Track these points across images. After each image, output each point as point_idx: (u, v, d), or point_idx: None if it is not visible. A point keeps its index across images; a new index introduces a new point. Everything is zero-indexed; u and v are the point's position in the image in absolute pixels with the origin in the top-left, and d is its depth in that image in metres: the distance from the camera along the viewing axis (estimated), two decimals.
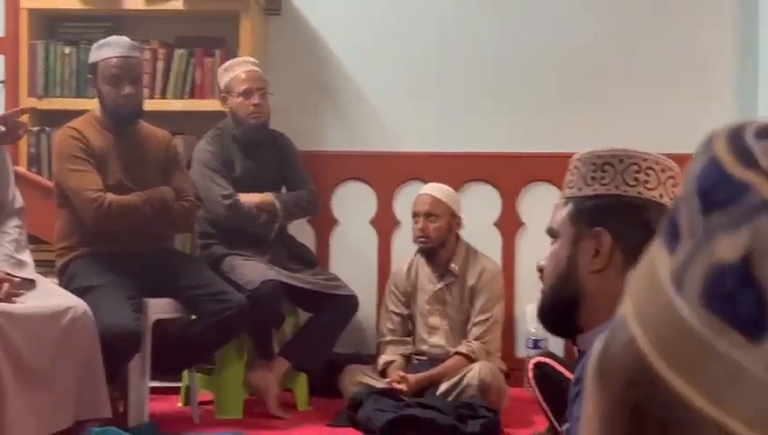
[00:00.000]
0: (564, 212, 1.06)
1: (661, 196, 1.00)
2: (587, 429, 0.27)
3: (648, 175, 0.99)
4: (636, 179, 1.00)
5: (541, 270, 1.22)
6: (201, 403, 2.83)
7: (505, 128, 3.03)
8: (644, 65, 3.00)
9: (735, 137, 0.23)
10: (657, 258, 0.24)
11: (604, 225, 0.97)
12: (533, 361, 2.32)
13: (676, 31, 3.04)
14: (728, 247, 0.21)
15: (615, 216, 0.98)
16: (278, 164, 2.96)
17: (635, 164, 1.01)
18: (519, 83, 3.03)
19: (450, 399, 2.59)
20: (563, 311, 1.05)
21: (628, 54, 3.01)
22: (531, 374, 2.24)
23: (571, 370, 1.76)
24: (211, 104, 3.02)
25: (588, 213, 0.98)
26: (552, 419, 2.13)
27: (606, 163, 1.02)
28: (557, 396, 2.15)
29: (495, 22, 3.11)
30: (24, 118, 2.65)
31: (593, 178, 1.02)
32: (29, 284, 2.46)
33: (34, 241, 2.74)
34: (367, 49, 3.22)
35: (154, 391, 2.79)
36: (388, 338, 2.74)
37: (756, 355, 0.20)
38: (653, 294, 0.24)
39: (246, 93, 2.79)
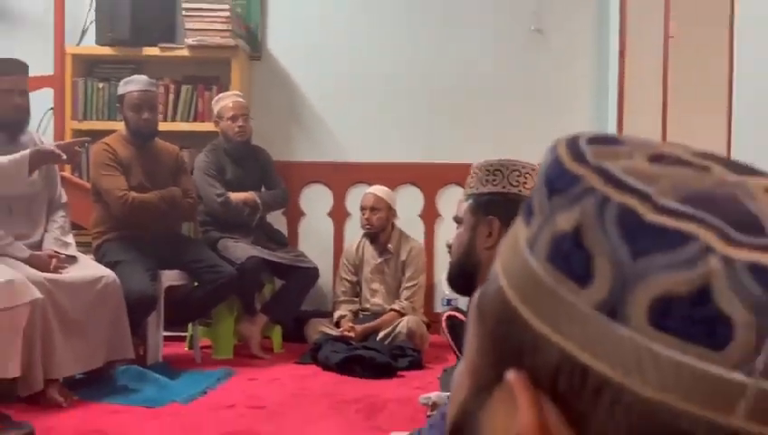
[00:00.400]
0: (466, 205, 1.23)
1: None
2: (467, 351, 0.31)
3: (526, 178, 1.16)
4: (518, 181, 1.18)
5: (449, 247, 1.34)
6: (202, 347, 3.21)
7: (427, 142, 3.53)
8: (528, 91, 3.52)
9: (573, 142, 0.27)
10: (519, 230, 0.28)
11: (495, 214, 1.14)
12: (446, 314, 2.61)
13: (552, 63, 3.57)
14: (565, 221, 0.25)
15: (503, 207, 1.14)
16: (259, 171, 3.32)
17: (516, 170, 1.18)
18: (437, 109, 3.54)
19: (386, 343, 3.00)
20: (466, 277, 1.22)
21: (516, 81, 3.55)
22: (444, 325, 2.52)
23: None
24: (208, 126, 3.33)
25: (483, 206, 1.14)
26: (460, 357, 2.64)
27: (496, 169, 1.19)
28: (463, 340, 2.76)
29: (420, 59, 3.59)
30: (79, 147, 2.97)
31: (487, 181, 1.20)
32: (72, 259, 2.81)
33: (76, 228, 3.05)
34: (325, 84, 3.65)
35: (166, 338, 3.15)
36: (341, 298, 3.22)
37: (584, 297, 0.24)
38: (515, 255, 0.27)
39: (233, 118, 3.16)
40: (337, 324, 3.08)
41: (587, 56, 3.57)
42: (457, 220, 1.29)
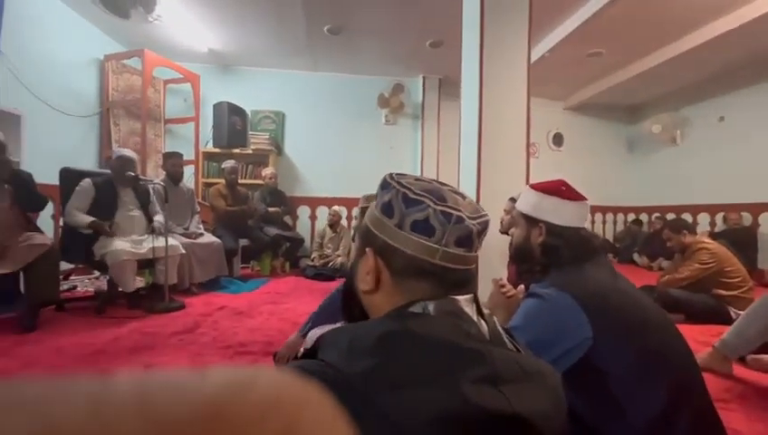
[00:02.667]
0: None
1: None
2: (354, 246, 0.77)
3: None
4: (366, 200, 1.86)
5: None
6: (255, 270, 5.80)
7: (345, 183, 6.98)
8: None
9: (391, 175, 0.67)
10: (372, 204, 0.70)
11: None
12: None
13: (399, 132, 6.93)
14: (386, 197, 0.68)
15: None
16: (282, 200, 6.14)
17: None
18: (347, 167, 6.90)
19: (331, 267, 6.02)
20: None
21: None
22: None
23: None
24: (260, 181, 6.44)
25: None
26: None
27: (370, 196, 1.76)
28: None
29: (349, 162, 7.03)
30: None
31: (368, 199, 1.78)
32: (201, 235, 4.39)
33: (204, 223, 4.86)
34: (310, 163, 6.69)
35: (242, 267, 5.29)
36: (315, 250, 6.08)
37: (390, 222, 0.66)
38: (370, 212, 0.70)
39: (270, 178, 5.98)
40: (312, 260, 5.85)
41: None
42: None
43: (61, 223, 3.91)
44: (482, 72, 3.31)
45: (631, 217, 8.14)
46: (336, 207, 6.27)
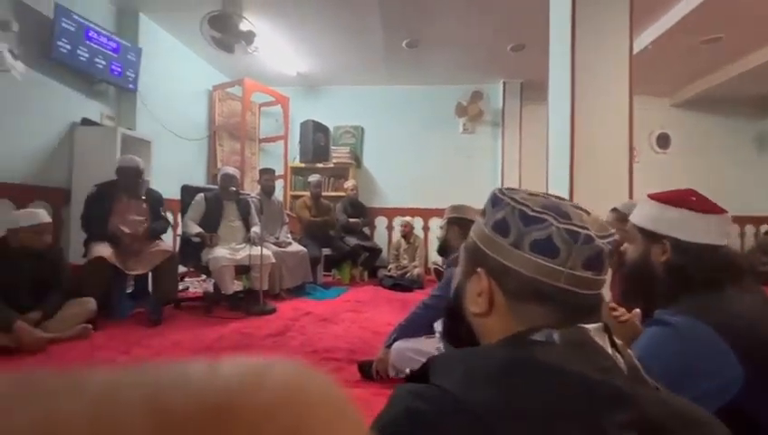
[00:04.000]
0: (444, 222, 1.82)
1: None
2: (460, 264, 0.64)
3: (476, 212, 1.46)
4: (471, 213, 1.65)
5: None
6: (336, 278, 5.77)
7: (421, 193, 6.91)
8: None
9: (500, 189, 0.60)
10: (479, 220, 0.62)
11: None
12: (434, 268, 5.15)
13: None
14: (499, 214, 0.62)
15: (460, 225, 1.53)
16: (359, 210, 6.39)
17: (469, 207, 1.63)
18: (438, 180, 7.00)
19: (408, 278, 6.18)
20: (445, 251, 1.77)
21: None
22: (433, 271, 5.04)
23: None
24: (342, 193, 6.63)
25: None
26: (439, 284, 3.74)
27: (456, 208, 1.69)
28: (440, 278, 4.27)
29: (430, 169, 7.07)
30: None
31: (453, 211, 1.69)
32: (289, 244, 4.78)
33: (291, 233, 5.18)
34: (387, 176, 6.76)
35: (324, 275, 5.53)
36: (391, 261, 6.32)
37: (505, 241, 0.60)
38: (477, 228, 0.65)
39: (351, 189, 6.22)
40: (389, 271, 5.86)
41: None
42: (441, 228, 2.12)
43: (179, 232, 4.45)
44: (573, 69, 2.99)
45: (764, 227, 6.98)
46: (407, 218, 6.34)
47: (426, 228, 6.70)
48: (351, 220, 6.04)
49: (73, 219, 3.95)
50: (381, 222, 6.95)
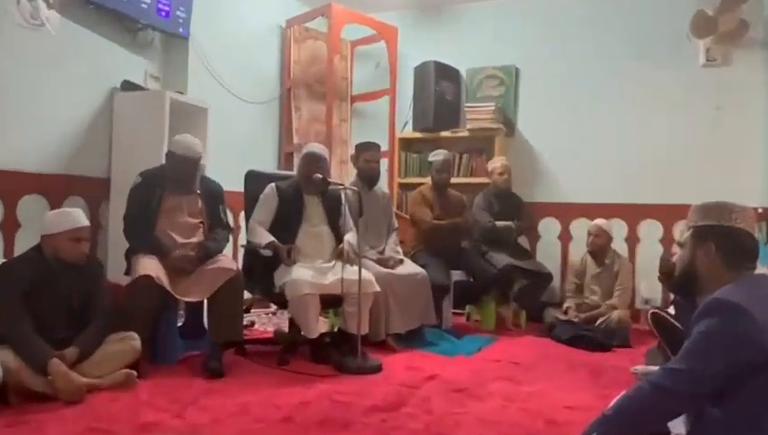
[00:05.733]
0: (688, 233, 1.54)
1: (743, 227, 1.42)
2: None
3: (737, 215, 1.40)
4: (730, 217, 1.44)
5: (664, 262, 1.96)
6: (474, 320, 4.59)
7: (629, 188, 4.72)
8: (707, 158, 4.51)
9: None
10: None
11: (711, 241, 1.42)
12: (651, 311, 3.09)
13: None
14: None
15: (718, 235, 1.42)
16: (514, 208, 4.62)
17: (729, 209, 1.44)
18: (638, 168, 4.74)
19: (602, 327, 3.94)
20: (688, 285, 1.53)
21: (698, 151, 4.55)
22: (649, 318, 3.03)
23: (677, 317, 2.34)
24: (479, 179, 4.86)
25: (702, 234, 1.42)
26: (661, 341, 2.93)
27: (713, 208, 1.46)
28: (663, 329, 2.94)
29: (626, 135, 4.77)
30: None
31: (706, 216, 1.47)
32: (400, 262, 3.84)
33: (401, 244, 4.15)
34: (555, 150, 5.08)
35: (454, 313, 4.37)
36: (569, 294, 4.36)
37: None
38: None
39: (500, 174, 4.54)
40: (565, 312, 4.23)
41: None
42: (680, 244, 1.91)
43: (242, 242, 3.88)
44: None
45: None
46: (600, 221, 4.36)
47: (632, 239, 4.92)
48: (499, 224, 4.60)
49: (112, 221, 3.69)
50: (550, 227, 5.25)
